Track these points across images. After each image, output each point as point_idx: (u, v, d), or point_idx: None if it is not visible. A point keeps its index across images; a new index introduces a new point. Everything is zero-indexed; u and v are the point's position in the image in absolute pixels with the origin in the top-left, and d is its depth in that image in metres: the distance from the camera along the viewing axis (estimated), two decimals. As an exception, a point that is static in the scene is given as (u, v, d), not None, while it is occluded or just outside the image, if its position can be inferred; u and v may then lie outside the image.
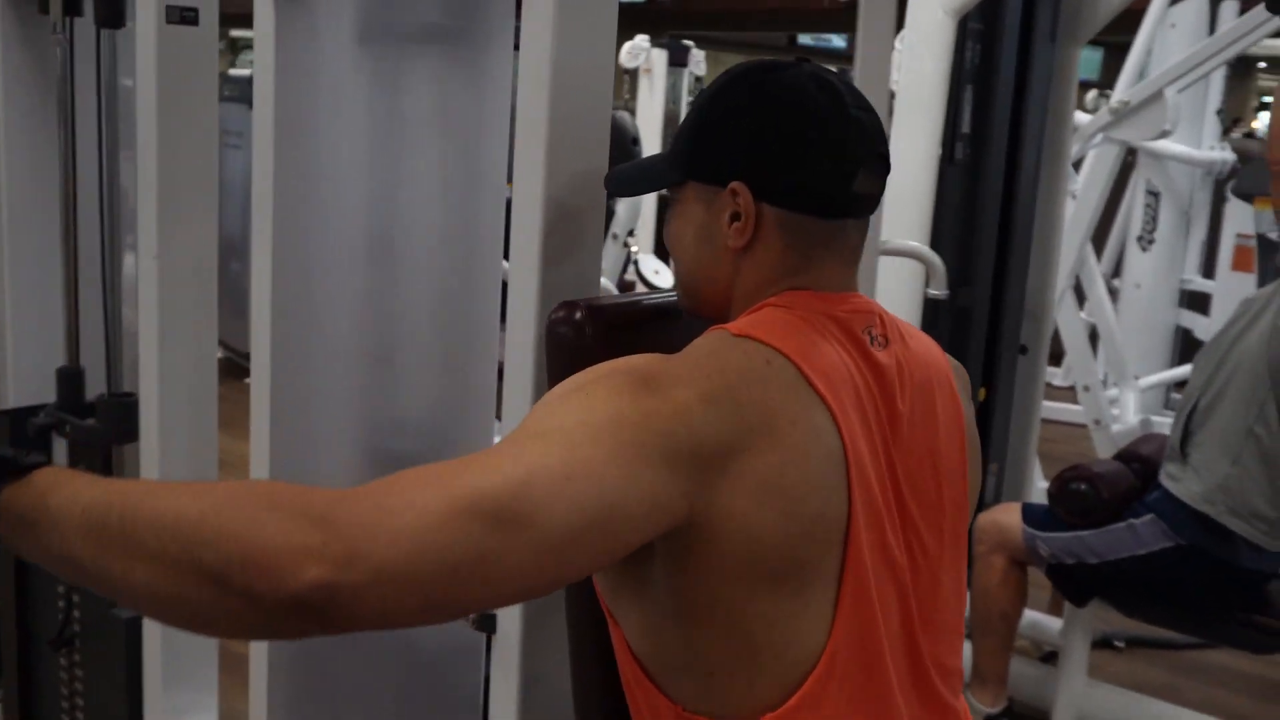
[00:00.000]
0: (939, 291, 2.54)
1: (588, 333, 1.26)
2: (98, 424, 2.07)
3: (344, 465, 1.74)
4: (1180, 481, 2.55)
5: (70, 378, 2.11)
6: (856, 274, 1.22)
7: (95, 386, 2.12)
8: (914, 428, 1.18)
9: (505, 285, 1.40)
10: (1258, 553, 2.51)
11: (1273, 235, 4.42)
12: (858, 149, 1.15)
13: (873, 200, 1.19)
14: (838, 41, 13.84)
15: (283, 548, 0.83)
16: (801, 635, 1.07)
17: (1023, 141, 3.15)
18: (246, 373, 1.76)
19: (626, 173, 1.34)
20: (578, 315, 1.27)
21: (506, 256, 1.42)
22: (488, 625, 1.45)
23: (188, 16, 1.83)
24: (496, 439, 1.47)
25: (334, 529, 0.84)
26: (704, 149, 1.19)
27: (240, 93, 5.82)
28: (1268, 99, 20.32)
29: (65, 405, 2.10)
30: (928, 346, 1.27)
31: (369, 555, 0.84)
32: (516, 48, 1.43)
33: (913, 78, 2.82)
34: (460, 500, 0.89)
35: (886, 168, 1.19)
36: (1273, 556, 2.54)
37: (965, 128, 3.00)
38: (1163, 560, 2.56)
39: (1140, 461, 2.86)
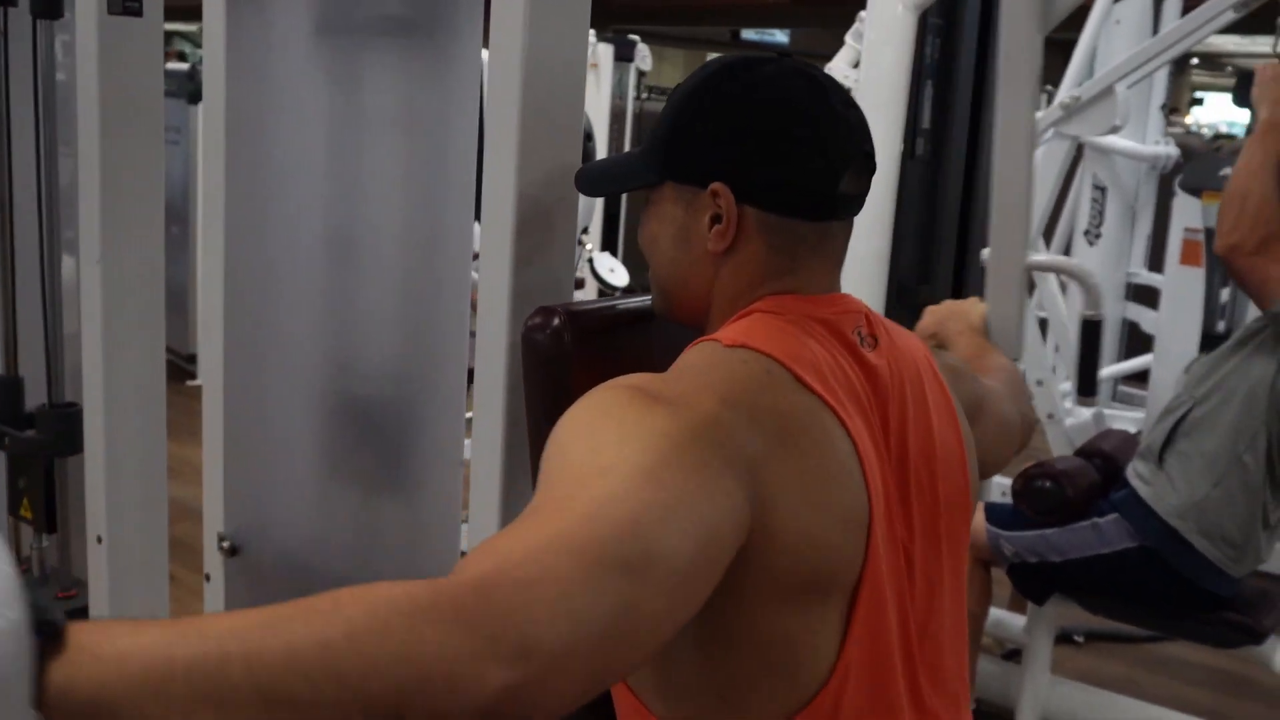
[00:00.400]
0: (1094, 313, 2.42)
1: (566, 339, 1.21)
2: (38, 435, 1.99)
3: (303, 478, 1.67)
4: (1152, 486, 2.53)
5: (7, 387, 2.02)
6: (840, 275, 1.18)
7: (35, 396, 2.03)
8: (906, 428, 1.14)
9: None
10: (1218, 575, 2.50)
11: (1220, 230, 4.44)
12: (845, 147, 1.10)
13: (858, 200, 1.14)
14: (780, 36, 13.86)
15: (458, 658, 0.71)
16: (817, 648, 1.02)
17: (981, 137, 3.14)
18: (187, 375, 1.69)
19: (598, 172, 1.29)
20: (556, 321, 1.21)
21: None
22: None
23: (131, 7, 1.74)
24: (467, 443, 1.42)
25: (494, 623, 0.73)
26: (682, 147, 1.13)
27: (177, 87, 5.69)
28: (1200, 94, 20.75)
29: (3, 416, 2.01)
30: (910, 341, 1.23)
31: (538, 642, 0.74)
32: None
33: (874, 73, 2.79)
34: (587, 556, 0.79)
35: (872, 167, 1.14)
36: (1231, 581, 2.53)
37: (925, 123, 2.98)
38: (1126, 560, 2.55)
39: (1102, 457, 2.85)
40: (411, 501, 1.55)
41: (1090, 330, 2.53)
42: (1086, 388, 2.66)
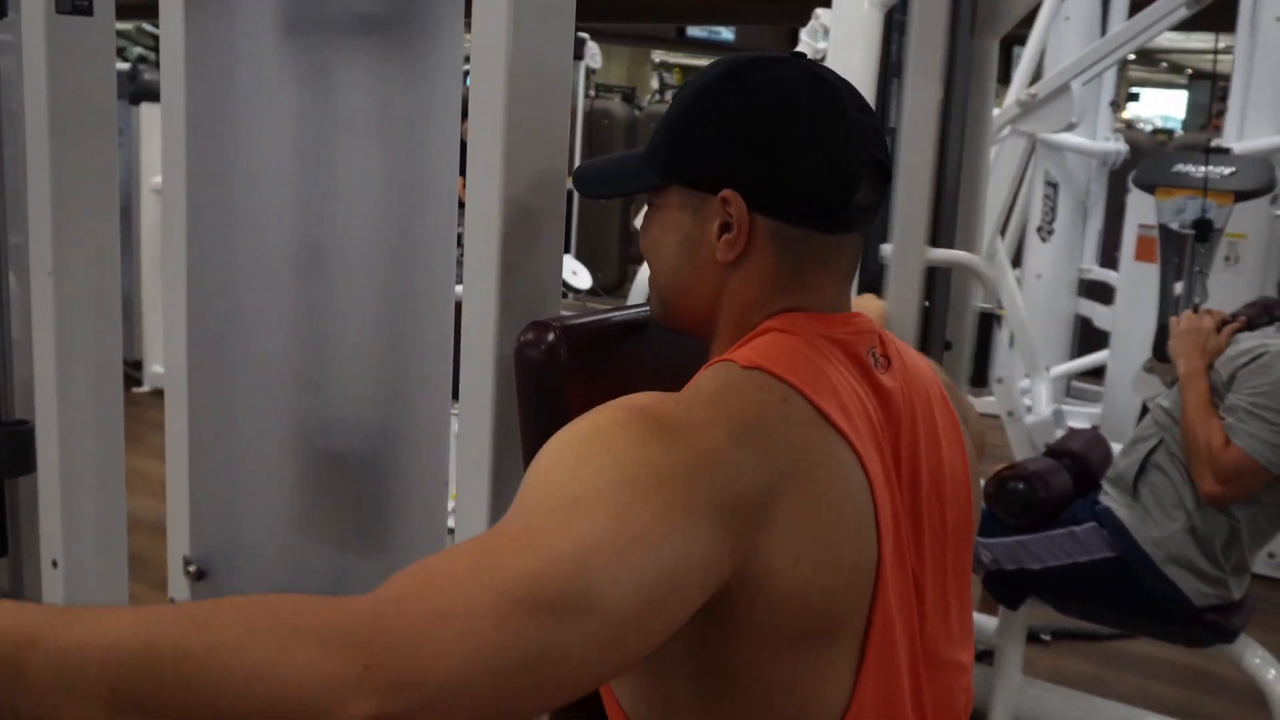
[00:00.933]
0: (992, 305, 2.42)
1: (562, 355, 1.15)
2: (-14, 455, 1.88)
3: (271, 505, 1.59)
4: (1129, 510, 2.55)
5: (-48, 404, 1.92)
6: (850, 290, 1.13)
7: (-19, 413, 1.92)
8: (918, 454, 1.09)
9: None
10: (1186, 599, 2.51)
11: (1174, 225, 4.48)
12: (860, 155, 1.05)
13: (873, 212, 1.09)
14: (727, 34, 13.85)
15: (322, 684, 0.68)
16: (826, 691, 0.97)
17: (948, 136, 3.11)
18: (132, 381, 1.61)
19: (597, 173, 1.22)
20: (550, 336, 1.15)
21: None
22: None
23: (80, 6, 1.66)
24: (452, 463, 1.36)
25: (378, 651, 0.70)
26: (691, 150, 1.07)
27: (119, 87, 5.55)
28: (1135, 89, 21.04)
29: (-53, 435, 1.90)
30: (919, 361, 1.19)
31: (422, 677, 0.70)
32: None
33: (841, 72, 2.75)
34: (513, 593, 0.75)
35: (888, 175, 1.09)
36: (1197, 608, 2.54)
37: (892, 122, 2.94)
38: (1105, 569, 2.56)
39: (1071, 457, 2.85)
40: (391, 525, 1.48)
41: (985, 323, 2.57)
42: (978, 378, 2.70)
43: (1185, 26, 4.22)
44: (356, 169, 1.46)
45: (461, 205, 1.32)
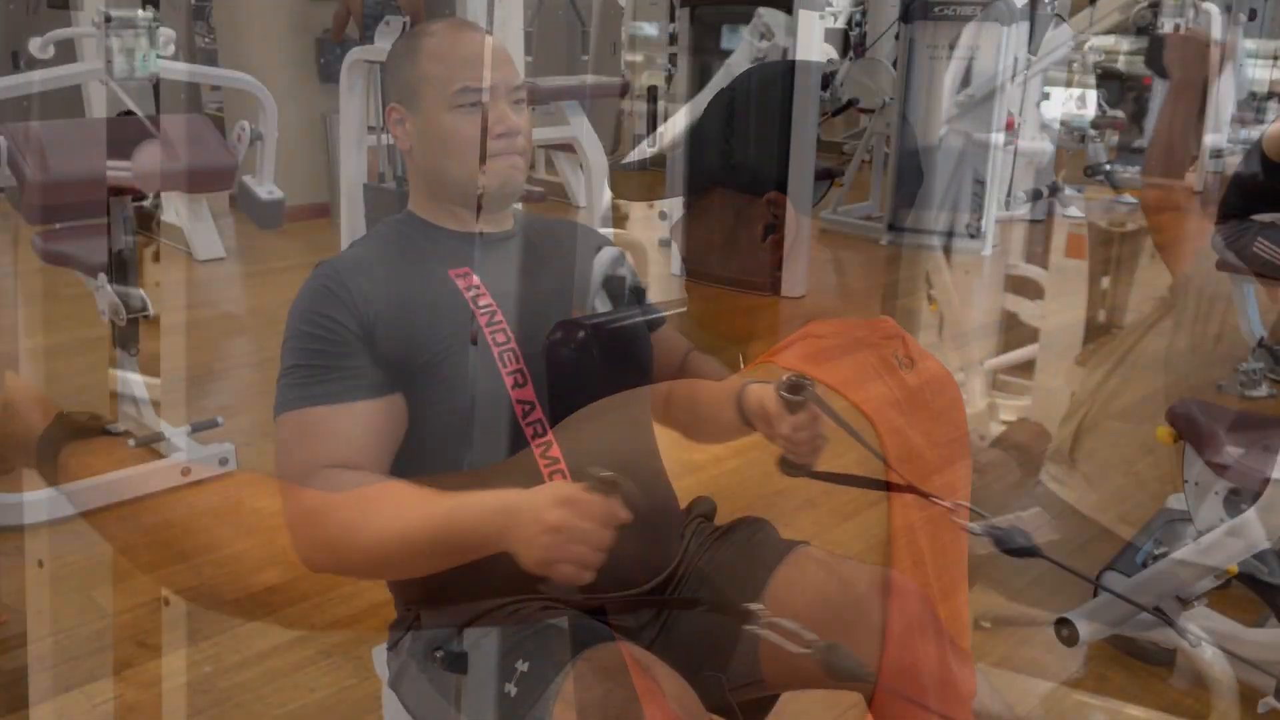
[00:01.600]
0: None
1: (593, 353, 1.18)
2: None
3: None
4: (1066, 485, 2.64)
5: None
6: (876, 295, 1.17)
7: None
8: (941, 447, 1.14)
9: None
10: (1136, 552, 2.61)
11: (1103, 224, 4.62)
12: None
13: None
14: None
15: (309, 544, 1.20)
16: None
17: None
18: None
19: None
20: (581, 334, 1.18)
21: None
22: (457, 665, 1.36)
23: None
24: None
25: (321, 531, 1.18)
26: (737, 157, 1.11)
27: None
28: (1046, 89, 21.50)
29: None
30: (934, 362, 1.24)
31: (342, 550, 1.17)
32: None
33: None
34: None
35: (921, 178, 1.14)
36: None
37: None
38: (1051, 552, 2.64)
39: (1017, 448, 2.94)
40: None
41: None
42: None
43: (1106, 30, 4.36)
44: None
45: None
